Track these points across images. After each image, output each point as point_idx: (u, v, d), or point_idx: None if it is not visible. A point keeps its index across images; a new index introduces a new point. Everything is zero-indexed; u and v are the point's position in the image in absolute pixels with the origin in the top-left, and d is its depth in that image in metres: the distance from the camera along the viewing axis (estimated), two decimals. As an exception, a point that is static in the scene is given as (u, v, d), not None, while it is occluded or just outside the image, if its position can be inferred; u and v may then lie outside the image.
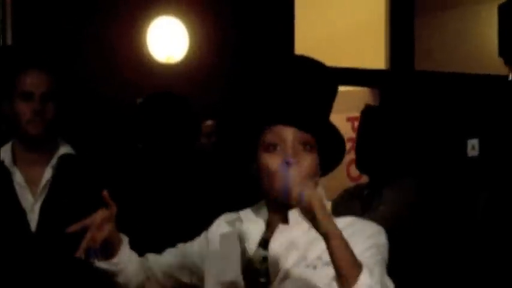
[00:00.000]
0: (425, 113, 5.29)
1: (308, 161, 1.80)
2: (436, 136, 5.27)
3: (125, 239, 1.93)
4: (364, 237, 1.79)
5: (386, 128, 3.34)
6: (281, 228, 1.83)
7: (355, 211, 3.32)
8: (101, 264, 1.93)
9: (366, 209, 3.31)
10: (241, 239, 1.88)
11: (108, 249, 1.91)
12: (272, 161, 1.79)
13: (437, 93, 5.36)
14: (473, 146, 4.80)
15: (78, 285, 2.78)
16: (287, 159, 1.75)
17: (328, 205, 1.89)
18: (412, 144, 3.55)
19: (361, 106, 3.62)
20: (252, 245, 1.86)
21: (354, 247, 1.67)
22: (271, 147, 1.80)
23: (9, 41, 4.69)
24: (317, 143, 1.82)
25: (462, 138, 4.96)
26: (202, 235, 2.03)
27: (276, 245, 1.81)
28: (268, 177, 1.80)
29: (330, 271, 1.70)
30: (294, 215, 1.83)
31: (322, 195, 1.73)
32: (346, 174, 5.33)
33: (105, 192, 1.89)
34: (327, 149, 1.85)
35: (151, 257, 2.02)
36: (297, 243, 1.80)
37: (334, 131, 1.86)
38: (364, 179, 3.60)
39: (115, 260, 1.91)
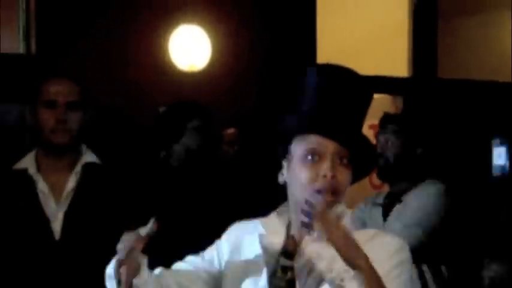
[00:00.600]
0: (449, 120, 5.26)
1: (344, 175, 1.79)
2: (460, 143, 5.24)
3: (144, 260, 1.91)
4: (388, 254, 1.79)
5: (405, 136, 3.34)
6: (307, 239, 1.81)
7: (377, 219, 3.32)
8: None
9: (387, 217, 3.30)
10: (265, 249, 1.87)
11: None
12: (309, 172, 1.78)
13: (461, 101, 5.33)
14: (499, 154, 4.77)
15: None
16: (320, 188, 1.76)
17: (348, 214, 1.87)
18: (432, 151, 3.54)
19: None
20: (273, 255, 1.85)
21: (378, 265, 1.68)
22: (310, 158, 1.79)
23: (33, 50, 4.72)
24: (354, 156, 1.81)
25: (488, 145, 4.94)
26: (216, 243, 2.01)
27: (303, 256, 1.80)
28: (301, 188, 1.79)
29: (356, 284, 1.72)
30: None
31: (344, 224, 1.76)
32: (369, 182, 5.30)
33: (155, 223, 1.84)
34: (359, 161, 1.84)
35: (166, 273, 1.98)
36: (322, 254, 1.78)
37: (368, 144, 1.85)
38: (386, 187, 3.58)
39: (135, 281, 1.87)
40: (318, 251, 1.79)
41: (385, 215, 3.33)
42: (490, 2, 5.98)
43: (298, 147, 1.81)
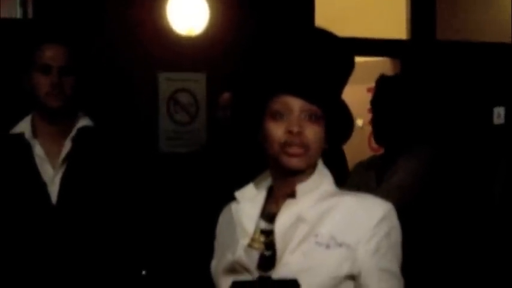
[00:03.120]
0: (447, 82, 5.25)
1: (313, 131, 1.79)
2: (459, 105, 5.23)
3: None
4: (374, 221, 1.79)
5: (400, 98, 3.32)
6: (288, 202, 1.83)
7: (370, 182, 3.33)
8: None
9: (381, 180, 3.30)
10: (239, 219, 1.87)
11: None
12: (276, 128, 1.79)
13: (460, 63, 5.31)
14: (499, 114, 4.77)
15: (97, 257, 2.80)
16: (286, 142, 1.78)
17: (328, 175, 1.89)
18: (428, 113, 3.52)
19: (382, 77, 3.60)
20: (250, 221, 1.85)
21: (361, 232, 1.76)
22: (278, 116, 1.80)
23: (30, 15, 4.70)
24: (325, 116, 1.82)
25: (488, 106, 4.93)
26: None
27: (284, 218, 1.81)
28: (271, 144, 1.80)
29: (343, 252, 1.75)
30: (301, 187, 1.83)
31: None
32: (368, 145, 5.31)
33: None
34: (334, 123, 1.84)
35: None
36: (305, 217, 1.80)
37: (342, 106, 1.85)
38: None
39: None
40: (299, 213, 1.80)
41: (379, 178, 3.33)
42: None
43: (269, 105, 1.82)
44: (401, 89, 3.35)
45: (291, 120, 1.79)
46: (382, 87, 3.37)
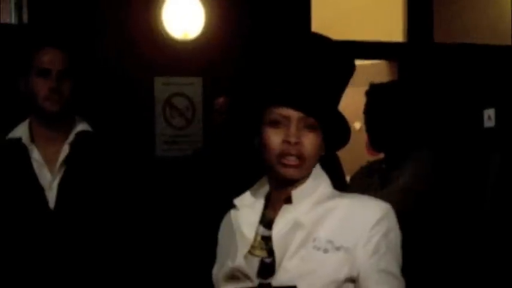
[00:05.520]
0: (442, 85, 5.25)
1: (310, 140, 1.80)
2: (452, 107, 5.24)
3: None
4: (371, 223, 1.78)
5: (393, 104, 3.31)
6: (284, 208, 1.83)
7: (374, 186, 3.32)
8: None
9: (384, 184, 3.29)
10: (238, 227, 1.87)
11: None
12: (274, 138, 1.80)
13: (456, 65, 5.31)
14: (489, 116, 4.77)
15: (95, 261, 2.79)
16: (283, 152, 1.79)
17: (326, 180, 1.89)
18: (424, 116, 3.52)
19: (379, 79, 3.58)
20: (250, 228, 1.85)
21: (358, 233, 1.75)
22: (276, 124, 1.80)
23: (25, 19, 4.68)
24: (322, 125, 1.82)
25: (479, 108, 4.94)
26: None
27: (281, 224, 1.81)
28: (268, 153, 1.81)
29: (341, 256, 1.74)
30: (296, 193, 1.83)
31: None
32: (365, 148, 5.30)
33: None
34: (332, 132, 1.85)
35: None
36: (302, 223, 1.79)
37: (338, 115, 1.83)
38: (382, 154, 3.57)
39: None
40: (296, 219, 1.80)
41: (382, 183, 3.32)
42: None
43: (267, 114, 1.82)
44: (392, 97, 3.34)
45: (289, 130, 1.79)
46: (373, 96, 3.36)
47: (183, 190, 4.17)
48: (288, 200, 1.83)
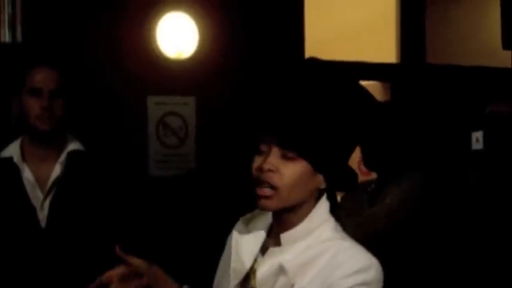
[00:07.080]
0: (433, 107, 5.26)
1: (287, 169, 1.71)
2: (442, 129, 5.25)
3: None
4: (350, 270, 1.69)
5: (386, 125, 3.32)
6: (271, 250, 1.78)
7: (362, 205, 3.34)
8: None
9: (373, 203, 3.31)
10: (238, 253, 1.83)
11: None
12: (254, 164, 1.75)
13: (448, 87, 5.33)
14: (477, 139, 4.78)
15: (86, 281, 2.77)
16: (255, 179, 1.73)
17: (325, 203, 1.82)
18: (418, 138, 3.53)
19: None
20: (249, 257, 1.81)
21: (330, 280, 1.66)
22: (258, 151, 1.76)
23: (19, 38, 4.68)
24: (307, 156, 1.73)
25: (467, 131, 4.96)
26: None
27: (266, 266, 1.76)
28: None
29: None
30: (286, 236, 1.77)
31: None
32: (358, 169, 5.30)
33: (118, 249, 1.83)
34: (334, 177, 1.77)
35: None
36: (285, 269, 1.73)
37: (316, 143, 1.74)
38: (375, 174, 3.58)
39: None
40: (281, 263, 1.74)
41: (371, 202, 3.33)
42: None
43: (256, 143, 1.77)
44: (386, 117, 3.35)
45: (265, 157, 1.73)
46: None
47: (176, 209, 4.16)
48: (278, 242, 1.78)
